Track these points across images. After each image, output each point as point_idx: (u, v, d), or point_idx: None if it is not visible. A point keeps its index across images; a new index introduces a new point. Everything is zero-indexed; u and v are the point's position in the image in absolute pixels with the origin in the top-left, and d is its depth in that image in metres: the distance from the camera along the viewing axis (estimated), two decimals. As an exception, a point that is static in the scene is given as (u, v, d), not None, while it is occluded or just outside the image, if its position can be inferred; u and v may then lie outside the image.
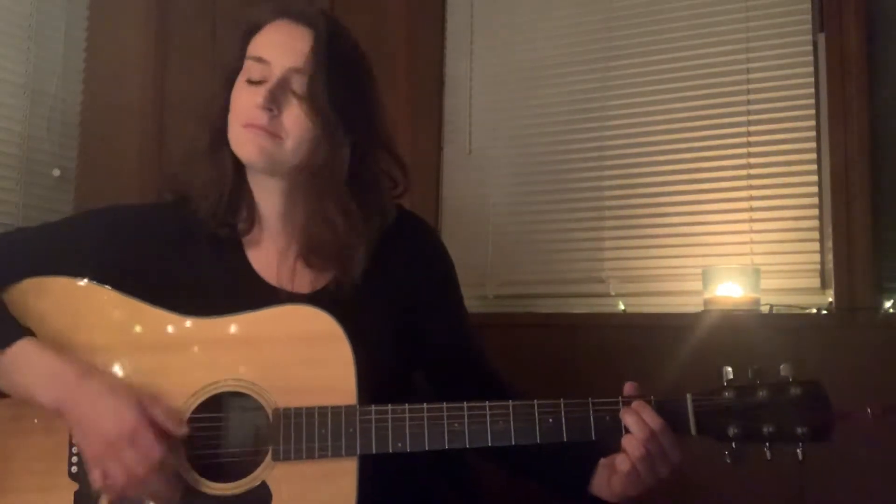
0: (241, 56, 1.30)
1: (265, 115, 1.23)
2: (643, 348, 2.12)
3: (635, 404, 1.14)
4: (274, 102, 1.24)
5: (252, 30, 1.31)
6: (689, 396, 1.14)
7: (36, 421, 1.16)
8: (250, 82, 1.26)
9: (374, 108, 1.34)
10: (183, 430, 1.14)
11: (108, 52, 2.40)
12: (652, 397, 1.15)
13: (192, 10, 2.41)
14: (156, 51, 2.35)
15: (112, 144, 2.36)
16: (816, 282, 2.13)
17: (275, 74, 1.25)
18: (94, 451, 1.12)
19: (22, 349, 1.14)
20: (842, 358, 1.92)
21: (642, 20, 2.40)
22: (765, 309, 2.10)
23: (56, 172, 2.32)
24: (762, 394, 1.12)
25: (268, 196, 1.33)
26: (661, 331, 2.13)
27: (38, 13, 2.29)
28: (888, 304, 2.01)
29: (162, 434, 1.12)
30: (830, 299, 2.09)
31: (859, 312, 2.01)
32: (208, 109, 1.33)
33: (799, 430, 1.10)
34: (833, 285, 2.08)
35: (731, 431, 1.11)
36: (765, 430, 1.11)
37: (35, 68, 2.28)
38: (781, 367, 1.14)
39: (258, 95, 1.24)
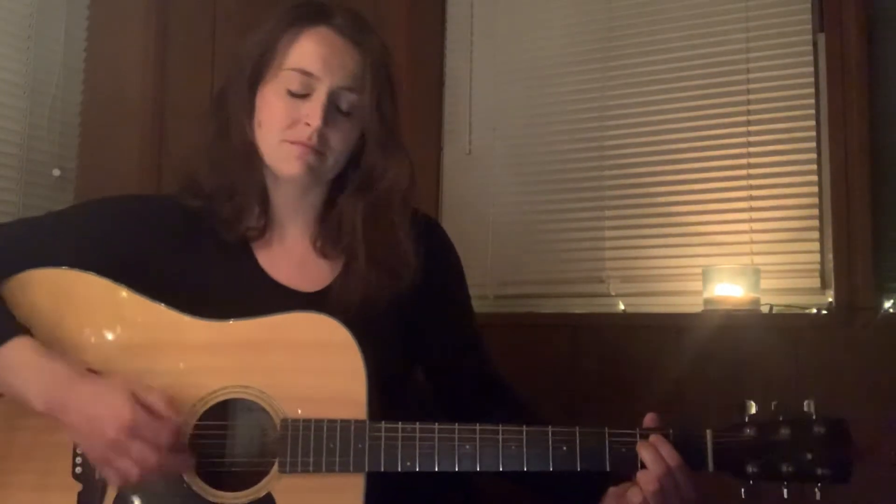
0: (275, 59, 1.27)
1: (316, 135, 1.23)
2: (643, 348, 2.12)
3: (653, 438, 1.12)
4: (324, 122, 1.24)
5: (289, 32, 1.28)
6: (709, 433, 1.12)
7: (40, 418, 1.15)
8: (291, 94, 1.25)
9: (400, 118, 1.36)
10: (180, 417, 1.13)
11: (108, 52, 2.40)
12: (671, 430, 1.13)
13: (192, 10, 2.41)
14: (156, 51, 2.34)
15: (112, 144, 2.36)
16: (816, 282, 2.13)
17: (323, 91, 1.24)
18: (99, 454, 1.11)
19: (15, 348, 1.13)
20: (842, 358, 1.92)
21: (642, 20, 2.40)
22: (765, 309, 2.10)
23: (56, 172, 2.32)
24: (784, 432, 1.09)
25: (283, 194, 1.33)
26: (661, 331, 2.13)
27: (38, 13, 2.28)
28: (888, 304, 2.01)
29: (162, 419, 1.11)
30: (830, 299, 2.09)
31: (859, 312, 2.01)
32: (227, 107, 1.31)
33: (819, 471, 1.07)
34: (833, 285, 2.08)
35: (750, 469, 1.09)
36: (784, 469, 1.08)
37: (35, 68, 2.28)
38: (805, 402, 1.11)
39: (307, 113, 1.23)
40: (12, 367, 1.13)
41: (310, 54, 1.26)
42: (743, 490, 1.11)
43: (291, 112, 1.25)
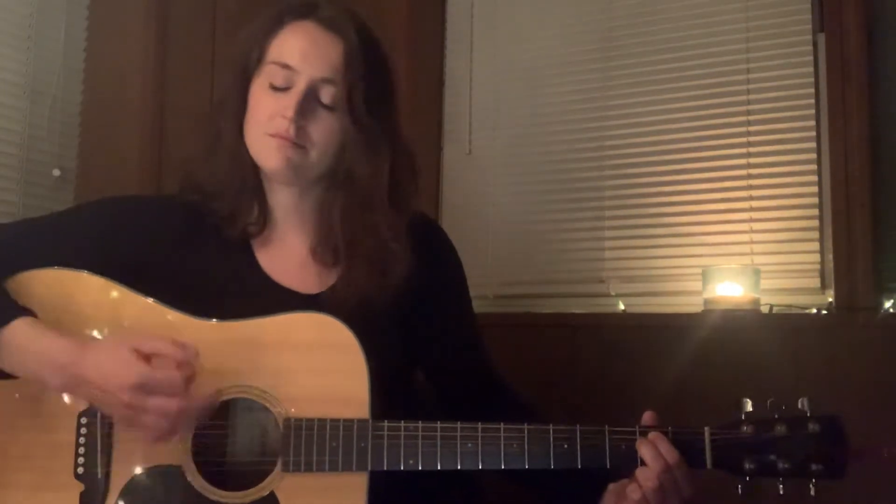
0: (260, 54, 1.27)
1: (293, 127, 1.22)
2: (643, 348, 2.12)
3: (652, 436, 1.13)
4: (302, 115, 1.23)
5: (274, 27, 1.27)
6: (707, 430, 1.13)
7: (41, 418, 1.16)
8: (274, 88, 1.24)
9: (397, 113, 1.34)
10: (190, 348, 1.11)
11: (108, 52, 2.40)
12: (669, 428, 1.14)
13: (192, 10, 2.41)
14: (156, 51, 2.34)
15: (112, 144, 2.36)
16: (816, 282, 2.13)
17: (302, 83, 1.23)
18: (122, 417, 1.11)
19: (20, 328, 1.13)
20: (842, 358, 1.92)
21: (642, 20, 2.40)
22: (765, 309, 2.10)
23: (56, 172, 2.31)
24: (780, 429, 1.11)
25: (280, 194, 1.32)
26: (661, 331, 2.13)
27: (38, 13, 2.28)
28: (888, 304, 2.01)
29: (174, 361, 1.10)
30: (830, 299, 2.09)
31: (859, 312, 2.01)
32: (223, 106, 1.31)
33: (814, 467, 1.09)
34: (833, 285, 2.08)
35: (747, 466, 1.11)
36: (780, 465, 1.10)
37: (35, 68, 2.27)
38: (800, 400, 1.13)
39: (285, 105, 1.22)
40: (21, 347, 1.13)
41: (290, 47, 1.25)
42: (739, 486, 1.12)
43: (272, 105, 1.24)
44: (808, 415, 1.11)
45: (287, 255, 1.33)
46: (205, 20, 2.41)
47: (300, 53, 1.24)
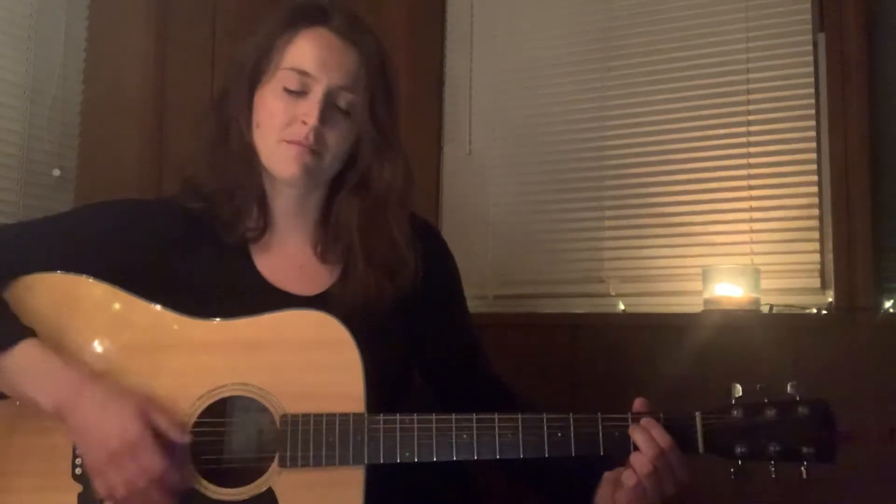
0: (272, 59, 1.27)
1: (312, 134, 1.23)
2: (643, 348, 2.12)
3: (644, 421, 1.14)
4: (322, 121, 1.24)
5: (285, 32, 1.28)
6: (698, 415, 1.14)
7: (39, 420, 1.15)
8: (287, 91, 1.25)
9: (399, 117, 1.35)
10: (186, 439, 1.13)
11: (108, 52, 2.40)
12: (661, 414, 1.15)
13: (192, 10, 2.41)
14: (156, 51, 2.34)
15: (112, 144, 2.36)
16: (816, 282, 2.13)
17: (320, 89, 1.24)
18: (95, 461, 1.11)
19: (24, 351, 1.13)
20: (842, 358, 1.92)
21: (642, 20, 2.40)
22: (765, 309, 2.10)
23: (56, 172, 2.32)
24: (770, 413, 1.12)
25: (283, 198, 1.33)
26: (661, 331, 2.13)
27: (38, 13, 2.28)
28: (888, 304, 2.01)
29: (165, 444, 1.11)
30: (830, 299, 2.09)
31: (859, 312, 2.01)
32: (227, 109, 1.31)
33: (804, 450, 1.10)
34: (833, 285, 2.08)
35: (739, 450, 1.12)
36: (771, 449, 1.11)
37: (35, 68, 2.28)
38: (789, 384, 1.14)
39: (305, 112, 1.23)
40: (22, 369, 1.13)
41: (307, 54, 1.26)
42: (732, 470, 1.13)
43: (289, 110, 1.24)
44: (797, 399, 1.13)
45: (286, 259, 1.33)
46: (205, 20, 2.41)
47: (318, 61, 1.25)
